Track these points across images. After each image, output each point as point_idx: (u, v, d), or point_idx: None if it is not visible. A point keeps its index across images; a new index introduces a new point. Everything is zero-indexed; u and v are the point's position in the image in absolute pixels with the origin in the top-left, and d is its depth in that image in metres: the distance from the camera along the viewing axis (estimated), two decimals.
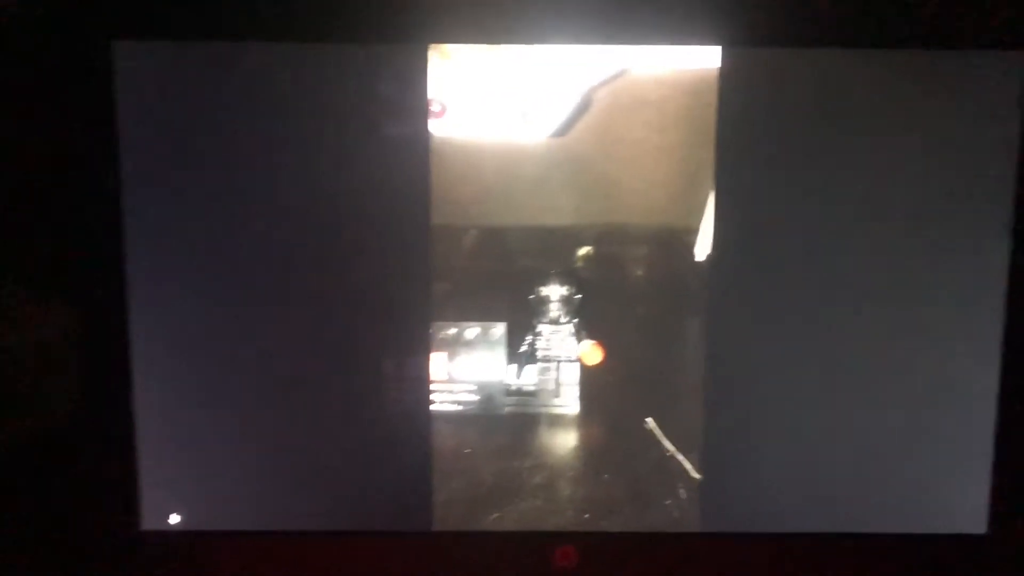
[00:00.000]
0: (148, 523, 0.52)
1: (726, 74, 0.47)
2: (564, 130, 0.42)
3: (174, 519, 0.52)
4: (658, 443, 0.43)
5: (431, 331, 0.42)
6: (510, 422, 0.44)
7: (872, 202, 0.49)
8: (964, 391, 0.51)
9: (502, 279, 0.43)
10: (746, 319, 0.50)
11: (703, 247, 0.43)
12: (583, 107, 0.42)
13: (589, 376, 0.44)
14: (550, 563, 0.53)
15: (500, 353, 0.42)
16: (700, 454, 0.49)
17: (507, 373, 0.42)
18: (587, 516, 0.46)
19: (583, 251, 0.43)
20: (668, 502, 0.44)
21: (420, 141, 0.47)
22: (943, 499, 0.52)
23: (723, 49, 0.47)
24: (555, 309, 0.42)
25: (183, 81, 0.48)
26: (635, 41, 0.47)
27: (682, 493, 0.45)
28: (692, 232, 0.43)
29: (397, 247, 0.49)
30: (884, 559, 0.53)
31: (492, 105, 0.42)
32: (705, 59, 0.46)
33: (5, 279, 0.51)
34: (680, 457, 0.45)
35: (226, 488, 0.52)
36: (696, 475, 0.45)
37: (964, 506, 0.52)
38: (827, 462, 0.52)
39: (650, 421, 0.43)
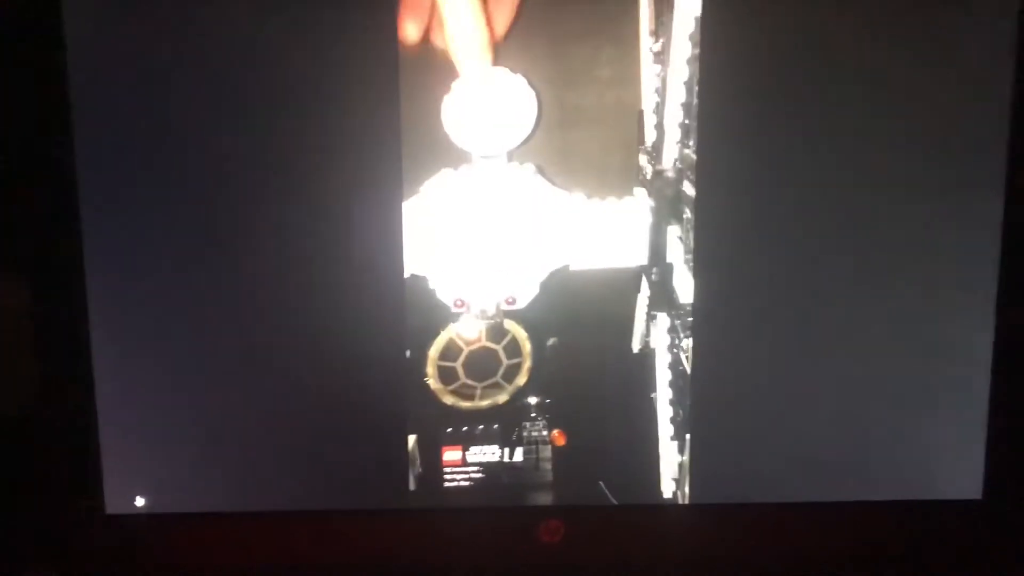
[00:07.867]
0: (113, 507, 0.51)
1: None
2: None
3: (139, 502, 0.51)
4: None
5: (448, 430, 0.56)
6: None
7: (864, 158, 0.48)
8: (960, 357, 0.50)
9: None
10: (733, 282, 0.50)
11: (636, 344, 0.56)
12: None
13: (557, 452, 0.57)
14: (535, 538, 0.54)
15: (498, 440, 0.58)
16: (689, 427, 0.54)
17: (505, 454, 0.57)
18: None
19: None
20: None
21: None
22: (939, 466, 0.52)
23: None
24: (534, 409, 0.58)
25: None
26: None
27: None
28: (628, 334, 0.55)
29: (368, 203, 0.48)
30: (881, 526, 0.53)
31: None
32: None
33: None
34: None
35: (191, 470, 0.51)
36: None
37: (960, 472, 0.52)
38: (821, 431, 0.52)
39: (601, 484, 0.55)
